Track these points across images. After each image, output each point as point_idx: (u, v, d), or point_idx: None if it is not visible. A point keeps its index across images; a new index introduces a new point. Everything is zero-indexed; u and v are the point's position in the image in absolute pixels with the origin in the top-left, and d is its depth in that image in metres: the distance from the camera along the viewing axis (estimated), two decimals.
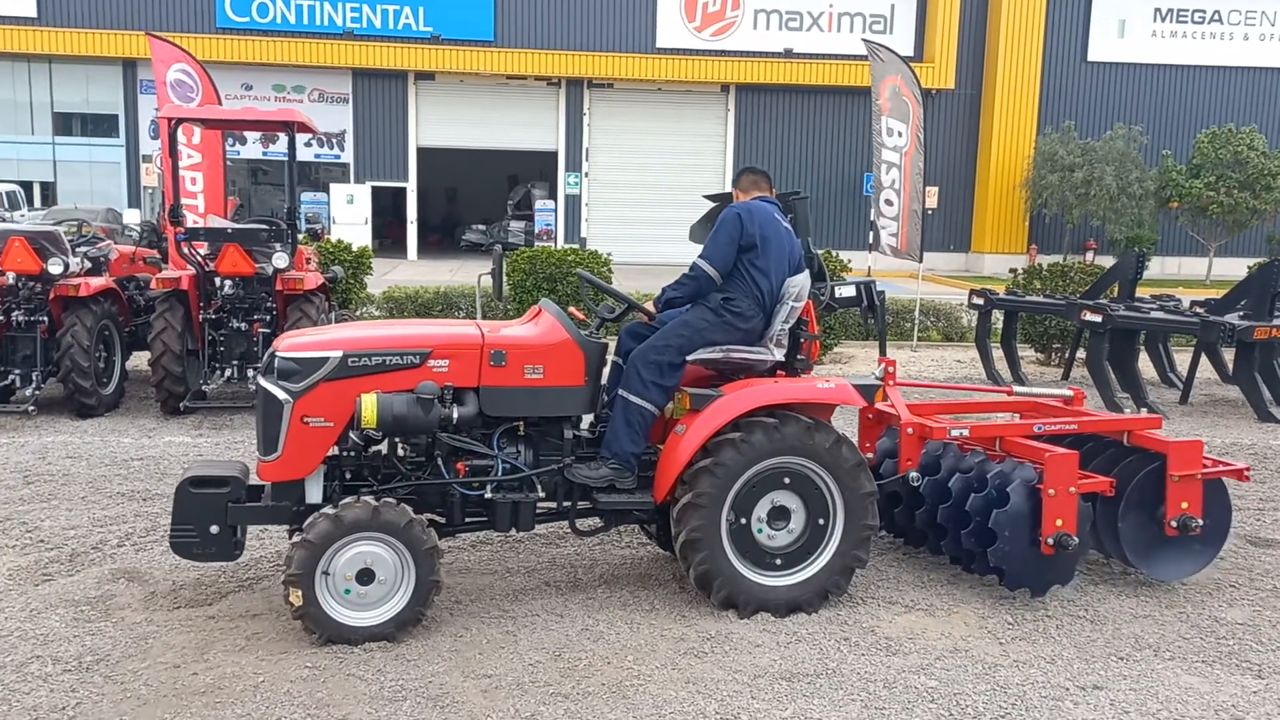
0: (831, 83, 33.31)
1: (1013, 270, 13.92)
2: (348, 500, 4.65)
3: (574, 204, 34.28)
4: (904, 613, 5.26)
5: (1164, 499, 5.46)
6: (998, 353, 12.19)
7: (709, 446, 5.01)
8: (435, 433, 4.84)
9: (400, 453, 4.97)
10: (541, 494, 5.07)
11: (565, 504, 5.20)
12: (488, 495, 4.98)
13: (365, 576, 4.63)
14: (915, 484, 5.56)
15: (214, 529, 4.83)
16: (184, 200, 9.80)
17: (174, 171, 9.65)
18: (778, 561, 5.18)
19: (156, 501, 6.77)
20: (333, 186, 32.91)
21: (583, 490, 5.15)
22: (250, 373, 9.44)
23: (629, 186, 34.06)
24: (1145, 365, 11.70)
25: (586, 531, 5.45)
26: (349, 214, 32.16)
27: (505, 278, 5.59)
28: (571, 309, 5.47)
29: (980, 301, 11.98)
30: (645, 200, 33.76)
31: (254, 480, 5.09)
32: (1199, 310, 11.02)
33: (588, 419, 5.37)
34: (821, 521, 5.19)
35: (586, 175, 34.22)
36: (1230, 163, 30.42)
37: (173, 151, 9.51)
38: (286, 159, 9.66)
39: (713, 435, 5.00)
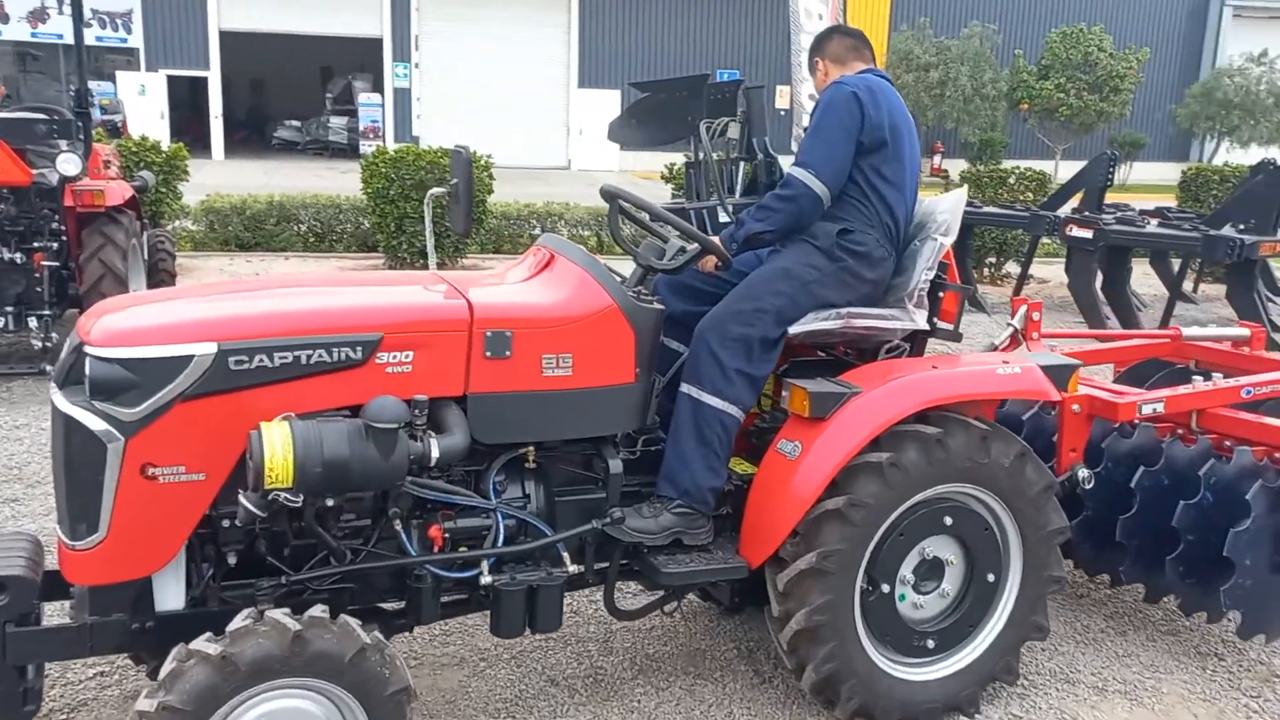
0: None
1: (941, 173, 12.40)
2: (242, 621, 2.50)
3: (403, 98, 30.94)
4: (1098, 699, 3.55)
5: None
6: None
7: (839, 476, 3.09)
8: (400, 484, 2.72)
9: (325, 509, 2.78)
10: (572, 569, 3.03)
11: (599, 566, 3.19)
12: (485, 579, 2.90)
13: None
14: (1087, 484, 3.78)
15: None
16: None
17: None
18: (929, 643, 3.35)
19: None
20: (120, 75, 28.42)
21: (628, 548, 3.16)
22: (32, 323, 6.80)
23: (465, 79, 30.91)
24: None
25: (630, 613, 3.43)
26: (143, 107, 27.91)
27: (468, 199, 3.29)
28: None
29: None
30: (484, 96, 30.75)
31: (52, 564, 2.84)
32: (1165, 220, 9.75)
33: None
34: (991, 577, 3.37)
35: (416, 66, 30.88)
36: (1080, 64, 30.11)
37: None
38: (72, 22, 6.90)
39: (851, 458, 3.07)
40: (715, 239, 3.31)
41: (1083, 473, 3.75)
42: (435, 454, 2.65)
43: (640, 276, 3.23)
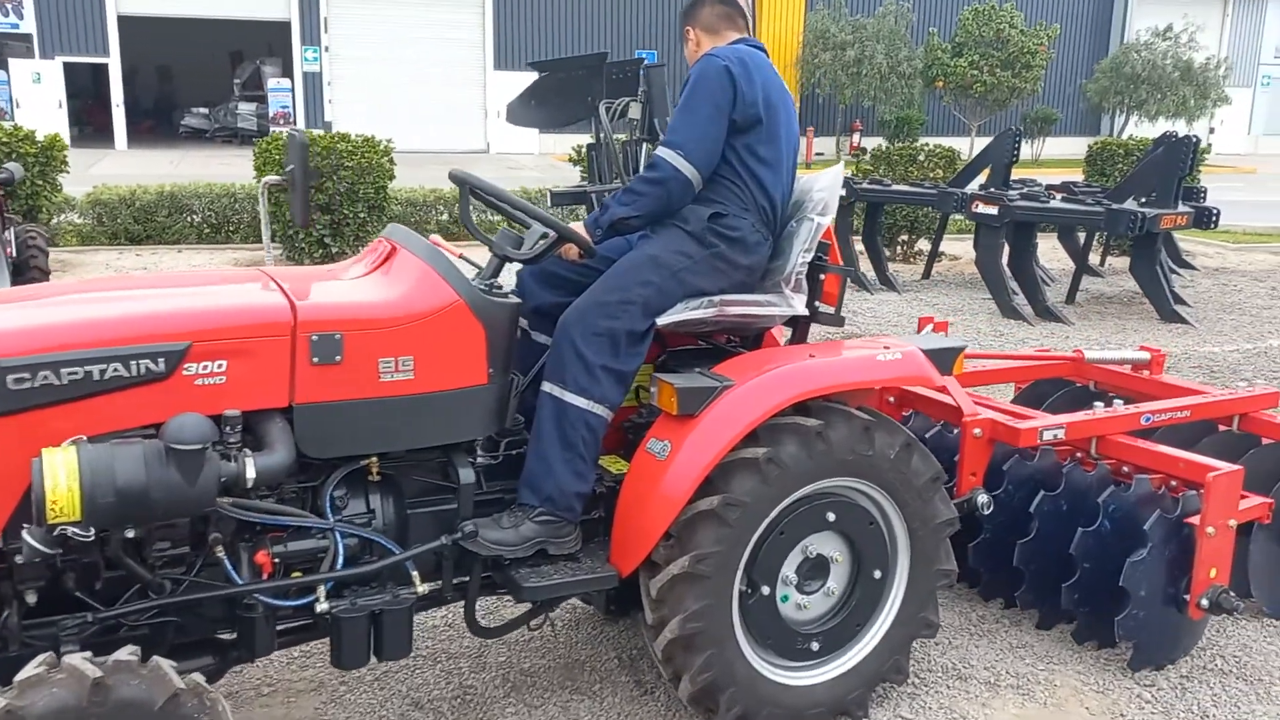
0: None
1: (859, 150, 12.35)
2: (34, 669, 2.21)
3: (314, 83, 30.10)
4: (990, 695, 3.42)
5: None
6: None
7: (714, 475, 2.90)
8: (212, 509, 2.45)
9: (135, 538, 2.49)
10: (421, 589, 2.79)
11: (458, 580, 2.96)
12: (322, 606, 2.65)
13: None
14: (986, 510, 3.66)
15: None
16: None
17: None
18: (814, 646, 3.18)
19: None
20: (12, 62, 27.19)
21: (489, 561, 2.93)
22: None
23: (377, 63, 30.17)
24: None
25: (494, 631, 3.21)
26: (38, 96, 26.80)
27: (301, 183, 3.03)
28: (434, 239, 3.14)
29: (841, 191, 10.23)
30: (397, 79, 30.06)
31: None
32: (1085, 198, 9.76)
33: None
34: (878, 573, 3.22)
35: (327, 50, 30.05)
36: (992, 41, 30.42)
37: None
38: None
39: (724, 455, 2.88)
40: (576, 226, 3.08)
41: (982, 498, 3.62)
42: (251, 474, 2.38)
43: (496, 268, 2.99)
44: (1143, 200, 9.06)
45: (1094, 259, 11.41)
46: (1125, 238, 9.53)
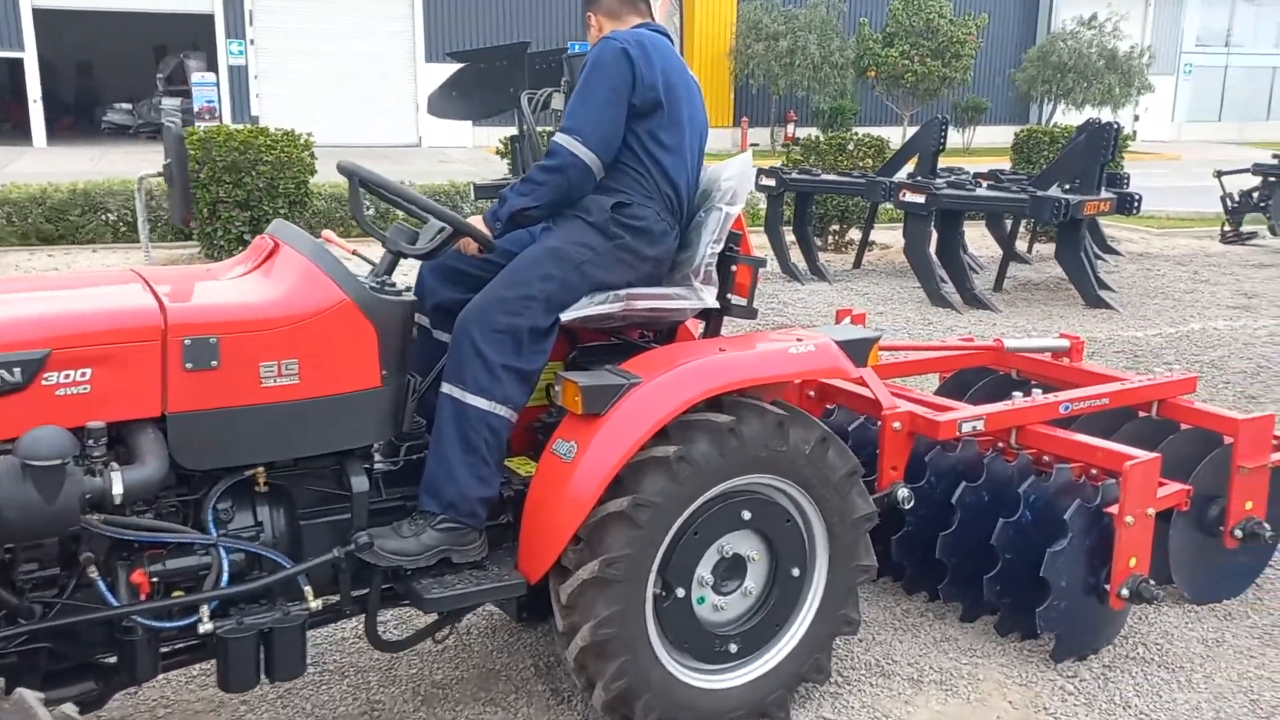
0: None
1: (793, 141, 12.33)
2: None
3: (240, 76, 29.44)
4: (913, 692, 3.36)
5: (1223, 497, 3.86)
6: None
7: (623, 475, 2.79)
8: (78, 527, 2.28)
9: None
10: (315, 604, 2.65)
11: (357, 593, 2.83)
12: (206, 626, 2.50)
13: None
14: (907, 504, 3.60)
15: None
16: None
17: None
18: (731, 647, 3.09)
19: None
20: None
21: (389, 572, 2.80)
22: None
23: (305, 55, 29.57)
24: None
25: (396, 644, 3.08)
26: None
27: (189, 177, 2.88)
28: (326, 234, 3.01)
29: (771, 182, 10.20)
30: (326, 72, 29.50)
31: None
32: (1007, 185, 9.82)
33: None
34: (796, 571, 3.14)
35: (252, 43, 29.39)
36: (922, 30, 30.70)
37: None
38: None
39: (632, 455, 2.78)
40: (473, 219, 2.96)
41: (903, 492, 3.57)
42: (118, 489, 2.23)
43: (389, 264, 2.85)
44: (1067, 187, 9.13)
45: (1022, 246, 11.51)
46: (1050, 224, 9.59)
